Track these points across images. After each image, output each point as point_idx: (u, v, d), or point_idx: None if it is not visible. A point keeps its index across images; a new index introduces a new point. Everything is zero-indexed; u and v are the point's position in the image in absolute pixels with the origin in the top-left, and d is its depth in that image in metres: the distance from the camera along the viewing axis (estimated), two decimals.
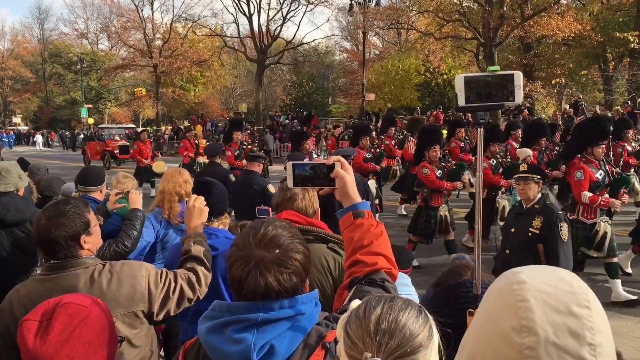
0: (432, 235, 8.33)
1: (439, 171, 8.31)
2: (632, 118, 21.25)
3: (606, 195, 6.80)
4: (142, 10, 46.64)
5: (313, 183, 2.00)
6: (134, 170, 15.84)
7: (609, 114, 19.83)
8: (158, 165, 14.40)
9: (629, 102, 24.34)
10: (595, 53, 29.32)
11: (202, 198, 2.94)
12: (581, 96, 27.51)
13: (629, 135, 11.24)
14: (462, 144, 12.54)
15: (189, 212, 2.87)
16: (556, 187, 11.06)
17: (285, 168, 2.05)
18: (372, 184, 10.58)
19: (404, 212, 12.51)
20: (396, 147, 13.83)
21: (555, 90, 31.00)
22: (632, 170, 10.65)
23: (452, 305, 2.09)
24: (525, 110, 23.67)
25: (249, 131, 18.55)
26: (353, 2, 31.02)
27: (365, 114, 31.75)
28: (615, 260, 6.87)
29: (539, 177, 5.05)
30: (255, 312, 1.53)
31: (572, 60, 30.85)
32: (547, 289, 0.98)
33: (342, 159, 1.96)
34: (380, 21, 33.74)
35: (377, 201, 10.91)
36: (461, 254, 3.34)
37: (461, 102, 2.28)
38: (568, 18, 26.68)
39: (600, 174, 6.86)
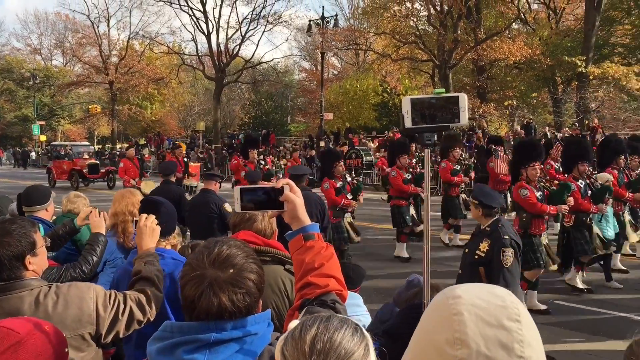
0: (544, 267, 7.13)
1: (539, 192, 7.17)
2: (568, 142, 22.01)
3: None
4: (97, 26, 46.03)
5: (262, 207, 2.00)
6: (105, 190, 14.89)
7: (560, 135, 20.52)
8: (147, 185, 13.54)
9: (577, 124, 25.26)
10: (545, 76, 30.33)
11: (153, 217, 2.89)
12: (532, 117, 28.40)
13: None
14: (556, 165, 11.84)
15: (140, 232, 2.83)
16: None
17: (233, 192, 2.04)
18: (411, 210, 10.19)
19: (449, 240, 11.27)
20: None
21: (508, 112, 31.95)
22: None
23: (410, 323, 2.12)
24: (479, 131, 24.28)
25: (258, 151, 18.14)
26: (311, 22, 31.36)
27: (324, 133, 31.96)
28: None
29: (475, 202, 5.15)
30: (207, 333, 1.51)
31: (524, 83, 31.84)
32: (480, 304, 1.01)
33: (291, 182, 1.97)
34: (338, 42, 34.22)
35: (420, 228, 10.25)
36: (415, 275, 3.36)
37: (408, 123, 2.34)
38: (519, 42, 27.66)
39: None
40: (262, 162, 12.51)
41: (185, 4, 40.55)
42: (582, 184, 7.78)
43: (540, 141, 12.31)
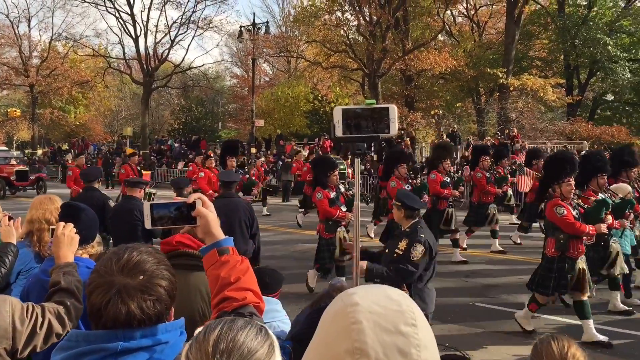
0: (565, 293, 6.75)
1: (575, 210, 6.54)
2: (501, 149, 23.03)
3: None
4: (17, 26, 43.89)
5: (174, 223, 1.97)
6: (31, 199, 14.02)
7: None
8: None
9: (499, 133, 26.35)
10: (469, 87, 31.47)
11: (71, 225, 2.81)
12: (456, 127, 29.40)
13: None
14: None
15: (58, 240, 2.73)
16: None
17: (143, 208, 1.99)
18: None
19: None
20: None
21: (434, 121, 32.89)
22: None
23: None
24: (407, 139, 24.89)
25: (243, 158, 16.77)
26: (243, 29, 31.21)
27: (255, 139, 31.83)
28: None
29: (398, 203, 5.29)
30: (114, 341, 1.47)
31: (449, 93, 32.92)
32: (377, 310, 1.02)
33: (203, 197, 1.96)
34: (269, 49, 34.17)
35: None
36: (338, 278, 3.43)
37: (339, 132, 2.39)
38: (444, 54, 28.59)
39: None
40: (241, 171, 11.56)
41: (112, 6, 39.40)
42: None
43: (573, 155, 11.15)
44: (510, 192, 13.27)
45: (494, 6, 34.62)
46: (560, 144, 24.43)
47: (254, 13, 47.91)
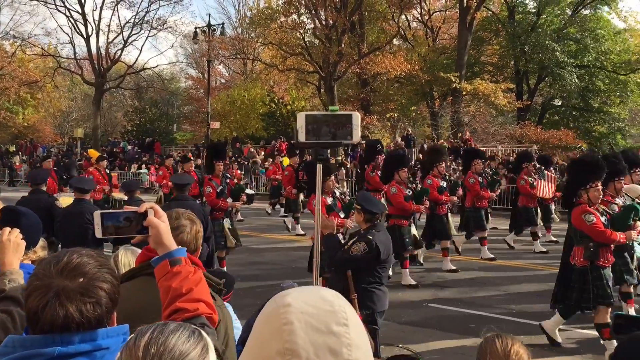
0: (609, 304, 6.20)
1: (603, 217, 6.17)
2: (455, 151, 23.52)
3: None
4: None
5: (125, 232, 1.94)
6: None
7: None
8: (64, 201, 12.18)
9: (452, 137, 26.89)
10: (423, 91, 31.96)
11: (17, 231, 2.72)
12: (411, 130, 29.83)
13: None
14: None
15: (3, 246, 2.64)
16: None
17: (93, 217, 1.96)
18: (413, 230, 9.26)
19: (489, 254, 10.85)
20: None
21: (390, 124, 33.30)
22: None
23: None
24: (364, 142, 25.10)
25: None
26: (198, 30, 30.89)
27: (210, 142, 31.52)
28: None
29: (359, 207, 5.41)
30: (51, 346, 1.43)
31: (404, 97, 33.35)
32: (310, 310, 1.02)
33: (155, 206, 1.93)
34: (225, 50, 33.95)
35: (419, 253, 9.72)
36: (288, 281, 3.43)
37: (301, 138, 2.38)
38: (399, 58, 28.97)
39: None
40: (229, 176, 10.68)
41: (62, 5, 38.36)
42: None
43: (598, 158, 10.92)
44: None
45: (447, 12, 35.31)
46: (510, 148, 25.09)
47: (209, 14, 47.29)
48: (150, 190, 24.25)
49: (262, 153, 28.62)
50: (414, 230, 9.34)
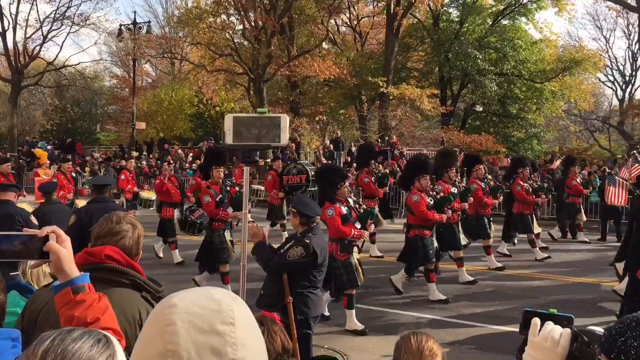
0: None
1: None
2: (383, 154, 24.02)
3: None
4: None
5: (23, 256, 1.84)
6: None
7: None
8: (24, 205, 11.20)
9: (379, 140, 27.42)
10: (352, 94, 32.38)
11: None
12: (340, 133, 30.20)
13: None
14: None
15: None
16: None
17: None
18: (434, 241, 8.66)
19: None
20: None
21: (319, 127, 33.55)
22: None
23: None
24: (292, 144, 25.16)
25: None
26: (122, 27, 29.99)
27: (136, 143, 30.70)
28: None
29: (294, 210, 5.35)
30: None
31: (333, 100, 33.67)
32: (195, 310, 1.01)
33: (58, 230, 1.83)
34: (151, 49, 33.14)
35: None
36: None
37: (229, 140, 2.36)
38: (328, 61, 29.26)
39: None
40: (229, 183, 9.63)
41: None
42: None
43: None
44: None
45: (375, 18, 35.97)
46: (435, 151, 25.86)
47: (135, 12, 45.96)
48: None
49: (190, 154, 28.13)
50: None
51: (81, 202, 12.23)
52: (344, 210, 7.07)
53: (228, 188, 9.15)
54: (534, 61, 31.77)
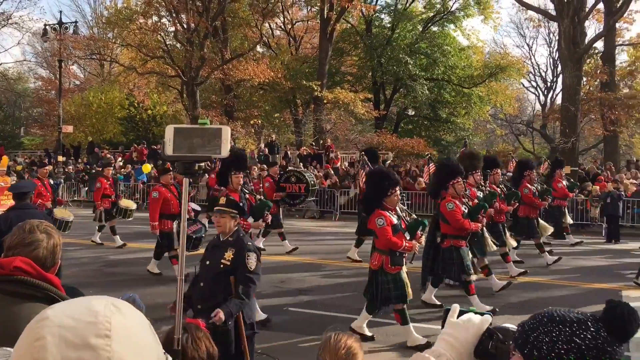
0: None
1: None
2: (317, 158, 24.22)
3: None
4: None
5: None
6: None
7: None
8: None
9: (314, 144, 27.60)
10: (287, 98, 32.44)
11: None
12: (275, 136, 30.19)
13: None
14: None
15: None
16: None
17: None
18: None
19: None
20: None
21: (254, 130, 33.43)
22: None
23: None
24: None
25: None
26: (47, 27, 28.84)
27: (63, 147, 29.58)
28: None
29: (235, 212, 5.15)
30: None
31: (268, 103, 33.66)
32: (69, 323, 0.96)
33: None
34: (79, 50, 32.06)
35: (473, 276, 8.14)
36: (129, 293, 3.31)
37: (169, 151, 2.32)
38: (262, 65, 29.21)
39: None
40: (246, 191, 8.51)
41: None
42: None
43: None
44: None
45: (309, 22, 36.23)
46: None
47: (61, 11, 44.22)
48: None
49: (120, 159, 27.39)
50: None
51: (60, 212, 11.75)
52: (395, 219, 6.50)
53: (247, 195, 8.19)
54: (463, 67, 32.89)
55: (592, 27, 31.50)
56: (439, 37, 33.29)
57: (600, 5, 25.87)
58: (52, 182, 13.61)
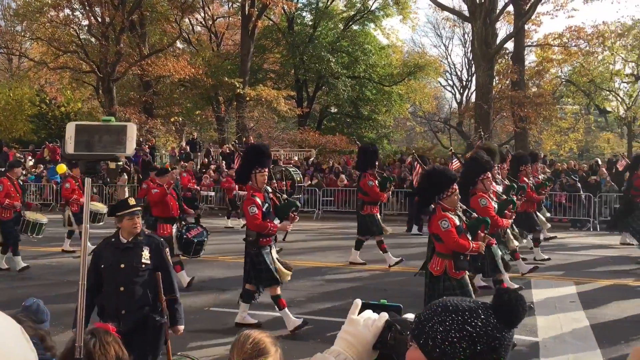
0: None
1: None
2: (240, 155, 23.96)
3: None
4: None
5: None
6: None
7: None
8: None
9: (237, 141, 27.34)
10: (209, 95, 31.96)
11: None
12: (196, 134, 29.70)
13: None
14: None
15: None
16: None
17: None
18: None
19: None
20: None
21: (175, 128, 32.72)
22: None
23: None
24: (147, 146, 24.27)
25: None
26: None
27: None
28: None
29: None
30: None
31: (189, 100, 33.01)
32: None
33: None
34: None
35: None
36: (32, 298, 3.17)
37: (70, 149, 2.23)
38: (183, 61, 28.61)
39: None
40: (269, 189, 7.54)
41: None
42: None
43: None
44: None
45: (230, 18, 35.85)
46: (292, 152, 26.38)
47: None
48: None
49: (31, 158, 26.02)
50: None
51: (31, 215, 11.24)
52: (456, 220, 6.08)
53: (270, 195, 7.46)
54: (383, 65, 33.60)
55: (503, 28, 32.97)
56: (360, 35, 33.82)
57: (510, 8, 27.16)
58: (21, 183, 12.66)
